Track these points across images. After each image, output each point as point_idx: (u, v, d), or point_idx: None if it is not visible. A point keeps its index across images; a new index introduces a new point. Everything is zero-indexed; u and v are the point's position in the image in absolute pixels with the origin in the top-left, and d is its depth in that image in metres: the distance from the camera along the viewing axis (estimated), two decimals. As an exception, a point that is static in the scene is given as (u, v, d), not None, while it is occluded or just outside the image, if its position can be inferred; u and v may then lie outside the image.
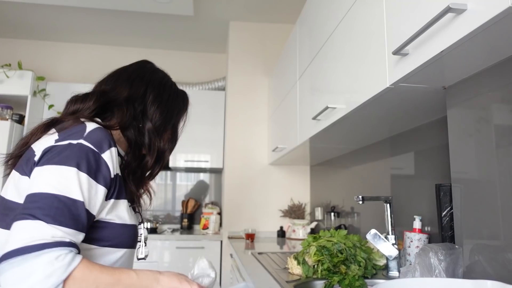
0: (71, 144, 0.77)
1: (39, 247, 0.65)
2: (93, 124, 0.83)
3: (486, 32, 0.77)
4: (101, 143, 0.79)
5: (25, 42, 3.71)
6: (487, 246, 0.97)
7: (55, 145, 0.78)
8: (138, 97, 0.96)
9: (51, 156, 0.76)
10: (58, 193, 0.71)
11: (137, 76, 1.00)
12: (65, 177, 0.73)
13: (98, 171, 0.78)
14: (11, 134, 2.91)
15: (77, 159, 0.75)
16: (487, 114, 0.99)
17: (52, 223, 0.68)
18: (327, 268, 1.31)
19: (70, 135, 0.79)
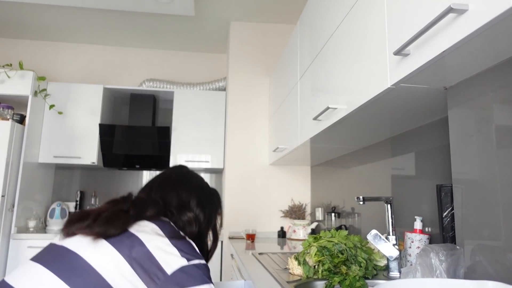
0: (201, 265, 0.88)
1: None
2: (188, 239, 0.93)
3: (488, 32, 0.77)
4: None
5: (26, 42, 3.72)
6: (488, 246, 0.96)
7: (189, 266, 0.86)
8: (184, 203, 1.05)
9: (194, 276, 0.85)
10: None
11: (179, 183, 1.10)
12: None
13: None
14: (12, 134, 2.91)
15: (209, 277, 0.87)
16: (488, 114, 0.99)
17: None
18: (328, 269, 1.31)
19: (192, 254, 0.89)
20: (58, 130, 3.27)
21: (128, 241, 0.84)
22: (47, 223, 3.23)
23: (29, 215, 3.12)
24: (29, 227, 3.07)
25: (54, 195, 3.52)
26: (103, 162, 3.38)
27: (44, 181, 3.40)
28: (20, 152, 3.00)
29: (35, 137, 3.18)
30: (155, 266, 0.82)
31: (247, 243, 2.60)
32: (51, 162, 3.27)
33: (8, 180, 2.86)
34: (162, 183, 1.09)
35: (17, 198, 2.93)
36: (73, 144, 3.26)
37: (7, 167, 2.85)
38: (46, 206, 3.39)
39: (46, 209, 3.36)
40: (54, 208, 3.25)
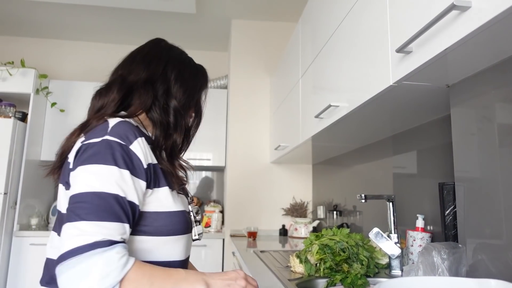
0: (96, 142, 0.76)
1: (90, 246, 0.66)
2: (115, 119, 0.82)
3: (491, 30, 0.76)
4: (127, 135, 0.78)
5: (28, 40, 3.72)
6: (490, 245, 0.96)
7: (81, 146, 0.78)
8: (158, 76, 0.94)
9: (81, 157, 0.76)
10: (96, 190, 0.71)
11: (153, 55, 0.98)
12: (99, 174, 0.73)
13: (132, 163, 0.77)
14: (14, 131, 2.91)
15: (107, 155, 0.74)
16: (491, 112, 0.98)
17: (97, 220, 0.69)
18: (330, 267, 1.31)
19: (95, 133, 0.79)
20: (60, 128, 3.27)
21: (65, 168, 0.84)
22: (49, 220, 3.24)
23: (31, 213, 3.13)
24: (31, 225, 3.09)
25: (56, 193, 3.53)
26: (104, 160, 3.38)
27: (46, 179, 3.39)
28: (22, 150, 3.01)
29: (37, 135, 3.18)
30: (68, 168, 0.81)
31: (249, 241, 2.61)
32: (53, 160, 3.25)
33: (10, 178, 2.87)
34: (130, 58, 0.99)
35: (19, 196, 2.94)
36: (75, 142, 3.26)
37: (9, 165, 2.86)
38: (48, 204, 3.40)
39: (48, 206, 3.37)
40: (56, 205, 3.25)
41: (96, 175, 0.73)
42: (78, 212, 0.69)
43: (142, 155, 0.79)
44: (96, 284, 0.64)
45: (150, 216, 0.81)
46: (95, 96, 0.93)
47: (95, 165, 0.74)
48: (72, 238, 0.67)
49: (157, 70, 0.94)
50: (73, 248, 0.65)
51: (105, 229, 0.69)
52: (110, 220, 0.70)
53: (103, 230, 0.68)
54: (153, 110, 0.91)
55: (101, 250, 0.66)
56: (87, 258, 0.65)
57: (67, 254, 0.65)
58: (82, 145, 0.78)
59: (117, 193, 0.73)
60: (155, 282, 0.70)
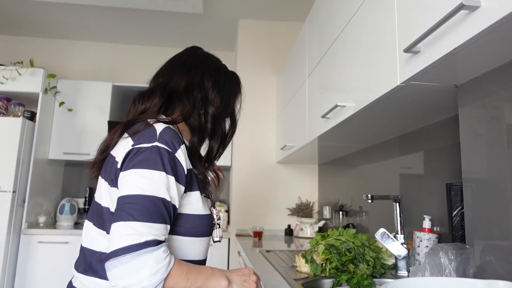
0: (147, 147, 0.82)
1: (142, 245, 0.73)
2: (160, 125, 0.87)
3: (500, 29, 0.76)
4: (173, 142, 0.84)
5: (36, 40, 3.76)
6: (498, 246, 0.96)
7: (132, 149, 0.83)
8: (196, 84, 0.98)
9: (132, 160, 0.81)
10: (147, 194, 0.78)
11: (191, 63, 1.02)
12: (150, 178, 0.79)
13: (176, 169, 0.83)
14: (23, 130, 2.95)
15: (157, 161, 0.80)
16: (500, 113, 0.98)
17: (147, 222, 0.75)
18: (335, 267, 1.31)
19: (144, 138, 0.84)
20: (67, 127, 3.30)
21: (108, 165, 0.88)
22: (57, 218, 3.27)
23: (39, 211, 3.16)
24: (39, 223, 3.12)
25: (63, 191, 3.57)
26: (112, 159, 3.40)
27: (54, 177, 3.44)
28: (30, 149, 3.04)
29: (45, 134, 3.21)
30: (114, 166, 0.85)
31: (254, 241, 2.61)
32: (60, 159, 3.31)
33: (19, 177, 2.90)
34: (170, 65, 1.03)
35: (27, 194, 2.97)
36: (82, 141, 3.29)
37: (18, 164, 2.89)
38: (56, 202, 3.43)
39: (56, 205, 3.40)
40: (64, 204, 3.28)
41: (147, 179, 0.79)
42: (131, 212, 0.76)
43: (184, 162, 0.85)
44: (147, 278, 0.72)
45: (182, 218, 0.88)
46: (138, 99, 0.97)
47: (146, 170, 0.79)
48: (125, 236, 0.73)
49: (196, 78, 0.99)
50: (126, 245, 0.72)
51: (154, 230, 0.76)
52: (158, 222, 0.77)
53: (153, 230, 0.76)
54: (192, 117, 0.96)
55: (151, 249, 0.73)
56: (139, 256, 0.72)
57: (120, 250, 0.72)
58: (133, 148, 0.83)
59: (165, 197, 0.80)
60: (190, 277, 0.79)
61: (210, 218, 0.95)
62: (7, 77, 3.05)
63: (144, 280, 0.71)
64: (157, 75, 1.03)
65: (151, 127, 0.86)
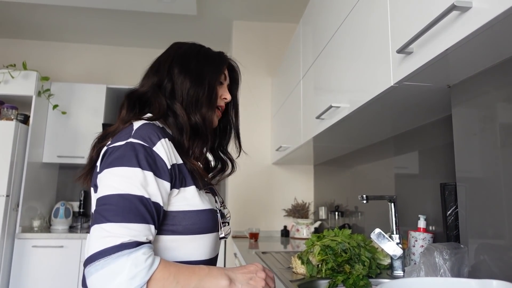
0: (121, 145, 0.78)
1: (117, 247, 0.67)
2: (139, 121, 0.84)
3: (492, 30, 0.76)
4: (150, 137, 0.79)
5: (29, 43, 3.73)
6: (492, 245, 0.96)
7: (107, 149, 0.80)
8: (164, 77, 0.94)
9: (107, 160, 0.78)
10: (121, 193, 0.73)
11: (162, 60, 0.99)
12: (124, 176, 0.74)
13: (155, 164, 0.78)
14: (16, 134, 2.92)
15: (131, 157, 0.76)
16: (492, 112, 0.98)
17: (123, 222, 0.70)
18: (331, 268, 1.31)
19: (120, 137, 0.81)
20: (61, 130, 3.28)
21: (94, 174, 0.86)
22: (52, 222, 3.25)
23: (33, 215, 3.13)
24: (33, 227, 3.09)
25: (58, 195, 3.54)
26: (106, 162, 3.38)
27: (48, 181, 3.41)
28: (24, 152, 3.02)
29: (39, 137, 3.19)
30: (96, 173, 0.83)
31: (250, 242, 2.61)
32: (55, 162, 3.28)
33: (12, 180, 2.88)
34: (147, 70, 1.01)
35: (21, 198, 2.95)
36: (76, 144, 3.27)
37: (11, 167, 2.86)
38: (50, 206, 3.40)
39: (50, 208, 3.38)
40: (58, 207, 3.26)
41: (121, 177, 0.74)
42: (104, 214, 0.71)
43: (166, 156, 0.80)
44: (124, 285, 0.65)
45: (178, 215, 0.82)
46: (119, 110, 0.96)
47: (119, 167, 0.75)
48: (99, 239, 0.68)
49: (164, 71, 0.95)
50: (100, 249, 0.67)
51: (131, 231, 0.70)
52: (135, 222, 0.71)
53: (129, 231, 0.70)
54: (167, 115, 0.91)
55: (128, 252, 0.67)
56: (114, 259, 0.66)
57: (95, 255, 0.67)
58: (107, 148, 0.80)
59: (142, 195, 0.74)
60: (180, 280, 0.72)
61: (213, 213, 0.88)
62: (0, 80, 3.02)
63: (122, 285, 0.65)
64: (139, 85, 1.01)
65: (130, 125, 0.83)
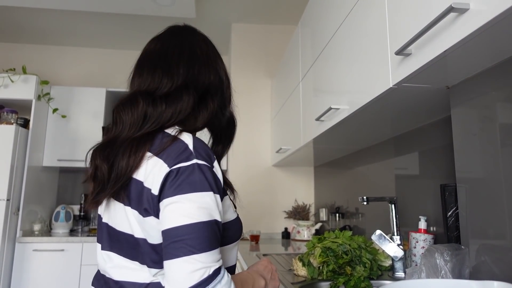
0: (187, 166, 0.72)
1: (212, 277, 0.67)
2: (186, 135, 0.78)
3: (489, 31, 0.76)
4: (209, 156, 0.76)
5: (29, 47, 3.74)
6: (493, 246, 0.96)
7: (170, 171, 0.73)
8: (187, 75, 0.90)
9: (174, 184, 0.72)
10: (202, 220, 0.70)
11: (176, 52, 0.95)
12: (200, 202, 0.71)
13: (218, 185, 0.76)
14: (16, 138, 2.92)
15: (203, 181, 0.72)
16: (491, 113, 0.98)
17: (210, 250, 0.69)
18: (332, 270, 1.30)
19: (178, 156, 0.74)
20: (61, 134, 3.28)
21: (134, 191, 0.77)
22: (52, 226, 3.25)
23: (34, 219, 3.13)
24: (34, 231, 3.09)
25: (58, 199, 3.54)
26: (106, 165, 3.38)
27: (49, 184, 3.42)
28: (24, 156, 3.02)
29: (39, 141, 3.19)
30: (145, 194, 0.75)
31: (251, 245, 2.60)
32: (55, 166, 3.28)
33: (13, 184, 2.88)
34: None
35: (22, 202, 2.95)
36: (76, 148, 3.27)
37: (11, 171, 2.86)
38: (51, 210, 3.40)
39: (51, 212, 3.38)
40: (59, 211, 3.26)
41: (199, 203, 0.71)
42: (191, 243, 0.68)
43: (220, 174, 0.78)
44: None
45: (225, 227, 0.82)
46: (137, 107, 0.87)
47: (195, 193, 0.71)
48: (192, 273, 0.66)
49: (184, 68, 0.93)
50: (197, 283, 0.66)
51: (217, 256, 0.70)
52: (217, 247, 0.71)
53: (216, 258, 0.70)
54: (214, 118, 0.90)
55: (219, 278, 0.68)
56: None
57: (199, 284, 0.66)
58: (171, 170, 0.72)
59: (217, 219, 0.72)
60: None
61: (239, 221, 0.89)
62: (0, 84, 3.03)
63: None
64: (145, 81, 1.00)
65: (178, 140, 0.76)
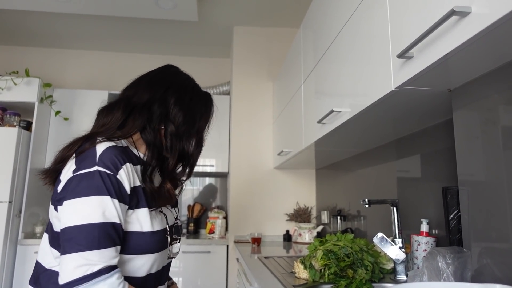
0: (88, 173, 0.80)
1: (95, 274, 0.73)
2: (103, 144, 0.85)
3: (491, 34, 0.76)
4: (114, 164, 0.82)
5: (32, 50, 3.76)
6: (495, 249, 0.96)
7: (73, 177, 0.81)
8: (157, 99, 0.96)
9: (76, 188, 0.79)
10: (94, 222, 0.77)
11: (158, 79, 1.01)
12: (95, 205, 0.78)
13: (119, 191, 0.82)
14: (18, 140, 2.93)
15: (100, 186, 0.79)
16: (493, 116, 0.98)
17: (98, 249, 0.75)
18: (334, 272, 1.30)
19: (85, 163, 0.82)
20: (64, 136, 3.23)
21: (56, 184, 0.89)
22: (54, 228, 3.25)
23: (35, 221, 3.14)
24: (36, 233, 3.09)
25: (60, 201, 3.54)
26: (108, 168, 3.38)
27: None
28: (26, 159, 3.03)
29: (42, 143, 3.20)
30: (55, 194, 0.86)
31: (253, 247, 2.60)
32: (57, 168, 3.29)
33: (15, 186, 2.89)
34: (138, 80, 1.02)
35: (24, 204, 2.95)
36: (79, 150, 3.28)
37: (14, 174, 2.87)
38: (53, 212, 3.41)
39: (53, 214, 3.38)
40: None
41: (93, 206, 0.78)
42: (80, 242, 0.75)
43: (127, 182, 0.84)
44: None
45: (126, 235, 0.85)
46: (101, 112, 0.97)
47: (90, 196, 0.78)
48: (77, 268, 0.73)
49: (158, 93, 0.97)
50: (79, 277, 0.73)
51: (105, 257, 0.76)
52: (108, 247, 0.77)
53: (104, 258, 0.75)
54: (147, 131, 0.94)
55: (104, 277, 0.74)
56: (93, 285, 0.72)
57: (73, 282, 0.72)
58: (74, 176, 0.81)
59: (114, 221, 0.79)
60: None
61: (160, 234, 0.91)
62: (3, 87, 3.04)
63: None
64: (125, 89, 1.02)
65: (93, 147, 0.84)
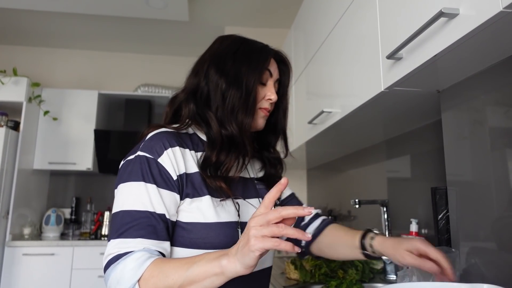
0: (131, 159, 0.80)
1: (113, 260, 0.72)
2: (154, 131, 0.84)
3: (479, 36, 0.77)
4: (156, 148, 0.79)
5: (20, 48, 3.70)
6: (483, 249, 0.97)
7: (122, 163, 0.82)
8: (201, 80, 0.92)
9: (120, 175, 0.80)
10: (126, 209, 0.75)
11: (202, 58, 0.98)
12: (130, 192, 0.76)
13: (160, 176, 0.77)
14: (6, 140, 2.89)
15: (137, 172, 0.77)
16: (482, 116, 1.00)
17: (122, 238, 0.73)
18: (325, 273, 1.31)
19: (133, 150, 0.82)
20: (52, 136, 3.25)
21: None
22: (43, 230, 3.21)
23: (24, 222, 3.09)
24: (24, 235, 3.05)
25: (49, 202, 3.50)
26: (98, 168, 3.36)
27: (39, 187, 3.38)
28: (14, 159, 2.98)
29: (30, 144, 3.16)
30: None
31: (244, 248, 2.59)
32: (46, 169, 3.25)
33: (2, 187, 2.84)
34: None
35: (11, 205, 2.91)
36: (68, 150, 3.24)
37: (1, 174, 2.83)
38: (41, 213, 3.36)
39: (41, 216, 3.34)
40: (50, 214, 3.22)
41: (127, 193, 0.77)
42: (112, 229, 0.76)
43: (171, 166, 0.78)
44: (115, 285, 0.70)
45: (186, 227, 0.79)
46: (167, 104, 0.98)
47: (127, 183, 0.77)
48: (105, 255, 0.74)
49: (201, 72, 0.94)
50: (104, 265, 0.74)
51: (126, 244, 0.73)
52: (134, 237, 0.73)
53: (125, 245, 0.73)
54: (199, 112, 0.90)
55: (120, 260, 0.71)
56: (111, 270, 0.71)
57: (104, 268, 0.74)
58: (122, 163, 0.82)
59: (146, 209, 0.75)
60: (170, 274, 0.67)
61: (228, 227, 0.81)
62: (-10, 87, 2.99)
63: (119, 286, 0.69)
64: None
65: (145, 136, 0.84)
